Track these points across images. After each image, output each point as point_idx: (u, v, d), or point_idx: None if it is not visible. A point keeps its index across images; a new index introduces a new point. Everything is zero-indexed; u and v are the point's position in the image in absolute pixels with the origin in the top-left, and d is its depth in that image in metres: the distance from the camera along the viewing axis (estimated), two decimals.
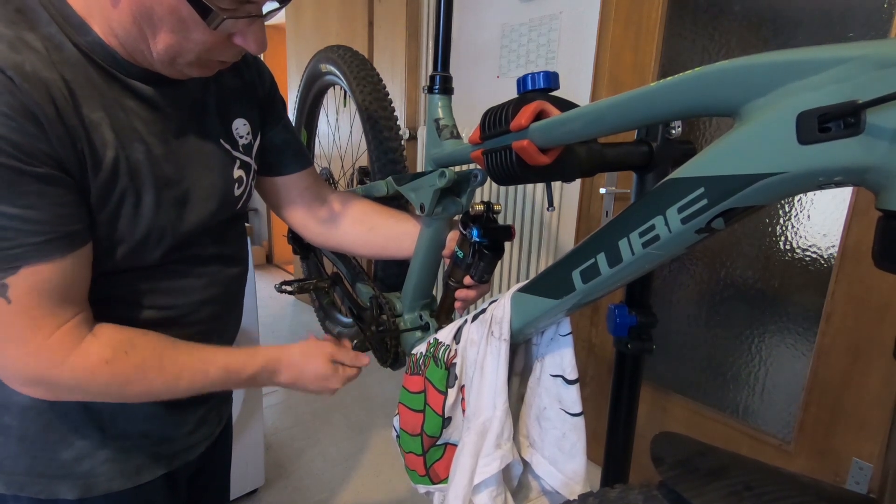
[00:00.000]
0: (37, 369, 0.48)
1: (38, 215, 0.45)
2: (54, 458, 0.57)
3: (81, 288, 0.50)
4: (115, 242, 0.52)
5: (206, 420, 0.70)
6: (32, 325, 0.47)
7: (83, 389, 0.51)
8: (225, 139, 0.62)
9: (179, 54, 0.50)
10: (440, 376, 0.67)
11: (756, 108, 0.34)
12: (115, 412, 0.59)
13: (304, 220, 0.78)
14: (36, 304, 0.47)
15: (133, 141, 0.51)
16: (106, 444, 0.59)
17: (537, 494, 0.64)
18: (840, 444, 1.19)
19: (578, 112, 0.47)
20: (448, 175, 0.68)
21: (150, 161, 0.52)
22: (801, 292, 1.24)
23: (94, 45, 0.49)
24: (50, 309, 0.47)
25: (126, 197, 0.51)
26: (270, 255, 4.15)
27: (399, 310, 0.89)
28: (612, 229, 0.46)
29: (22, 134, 0.42)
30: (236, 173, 0.63)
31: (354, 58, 1.06)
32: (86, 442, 0.58)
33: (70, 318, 0.49)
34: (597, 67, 1.53)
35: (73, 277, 0.49)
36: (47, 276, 0.46)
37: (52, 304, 0.47)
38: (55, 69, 0.45)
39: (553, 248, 1.68)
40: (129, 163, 0.51)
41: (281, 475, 1.65)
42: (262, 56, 0.68)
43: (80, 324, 0.50)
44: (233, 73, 0.64)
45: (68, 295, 0.49)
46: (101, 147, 0.48)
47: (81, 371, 0.49)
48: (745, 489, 0.37)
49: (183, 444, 0.66)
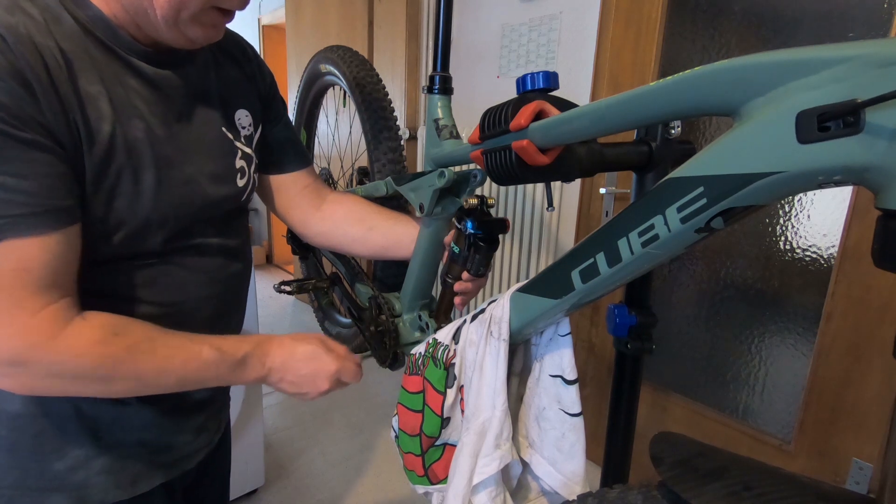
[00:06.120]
0: (16, 349, 0.44)
1: (23, 185, 0.42)
2: (46, 470, 0.54)
3: (68, 272, 0.47)
4: (114, 225, 0.49)
5: (206, 427, 0.68)
6: (15, 304, 0.43)
7: (66, 374, 0.47)
8: (227, 128, 0.61)
9: (183, 5, 0.48)
10: (439, 376, 0.67)
11: (755, 108, 0.34)
12: (111, 419, 0.57)
13: (303, 220, 0.78)
14: (19, 283, 0.43)
15: (132, 117, 0.49)
16: (101, 454, 0.57)
17: (536, 495, 0.64)
18: (840, 444, 1.19)
19: (578, 112, 0.47)
20: (447, 175, 0.68)
21: (150, 140, 0.51)
22: (801, 292, 1.24)
23: (95, 19, 0.48)
24: (34, 289, 0.44)
25: (123, 175, 0.49)
26: (270, 255, 4.15)
27: (398, 310, 0.89)
28: (612, 229, 0.46)
29: (10, 95, 0.40)
30: (238, 163, 0.62)
31: (354, 58, 1.06)
32: (80, 451, 0.55)
33: (56, 299, 0.46)
34: (597, 67, 1.53)
35: (59, 258, 0.45)
36: (31, 252, 0.43)
37: (37, 285, 0.44)
38: (52, 38, 0.44)
39: (553, 248, 1.68)
40: (127, 139, 0.49)
41: (281, 475, 1.65)
42: (263, 55, 0.68)
43: (68, 307, 0.47)
44: (234, 65, 0.64)
45: (54, 277, 0.45)
46: (96, 121, 0.47)
47: (67, 352, 0.45)
48: (745, 489, 0.37)
49: (181, 452, 0.64)
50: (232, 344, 0.56)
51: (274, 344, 0.60)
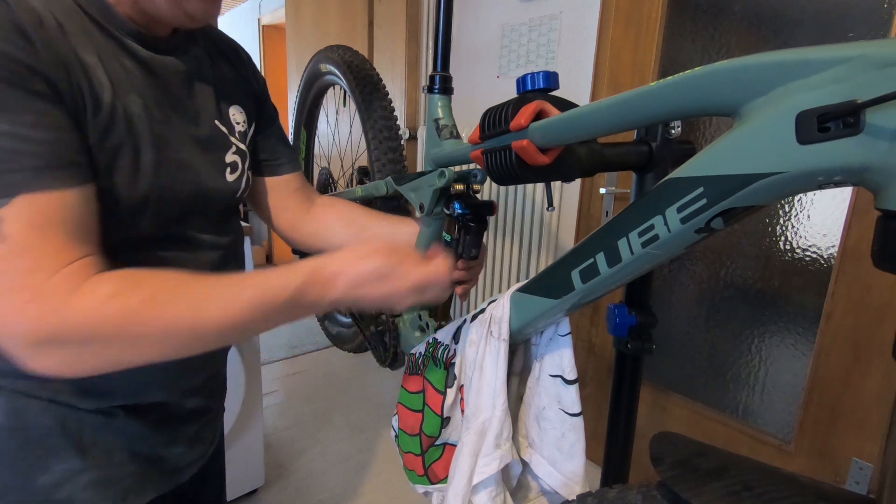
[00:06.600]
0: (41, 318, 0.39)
1: (36, 135, 0.39)
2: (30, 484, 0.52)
3: (90, 231, 0.43)
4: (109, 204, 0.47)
5: (200, 438, 0.66)
6: (32, 268, 0.40)
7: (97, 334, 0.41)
8: (221, 122, 0.61)
9: None
10: (439, 376, 0.67)
11: (755, 108, 0.34)
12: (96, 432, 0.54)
13: (293, 222, 0.77)
14: (37, 242, 0.40)
15: (129, 92, 0.48)
16: (88, 468, 0.54)
17: (536, 494, 0.64)
18: (840, 444, 1.19)
19: (578, 112, 0.47)
20: (448, 175, 0.68)
21: (148, 117, 0.49)
22: (801, 292, 1.24)
23: None
24: (53, 248, 0.40)
25: (123, 150, 0.47)
26: (270, 255, 4.15)
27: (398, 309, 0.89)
28: (612, 229, 0.46)
29: (14, 47, 0.38)
30: (230, 158, 0.61)
31: (354, 58, 1.06)
32: (65, 465, 0.53)
33: (77, 258, 0.42)
34: (597, 67, 1.53)
35: (78, 215, 0.42)
36: (47, 208, 0.40)
37: (55, 243, 0.40)
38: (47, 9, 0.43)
39: (553, 248, 1.68)
40: (127, 113, 0.47)
41: (281, 475, 1.65)
42: (263, 55, 0.68)
43: (88, 265, 0.42)
44: (228, 64, 0.64)
45: (75, 235, 0.42)
46: (98, 87, 0.45)
47: (88, 309, 0.41)
48: (744, 489, 0.37)
49: (175, 464, 0.62)
50: (279, 279, 0.48)
51: (330, 269, 0.50)
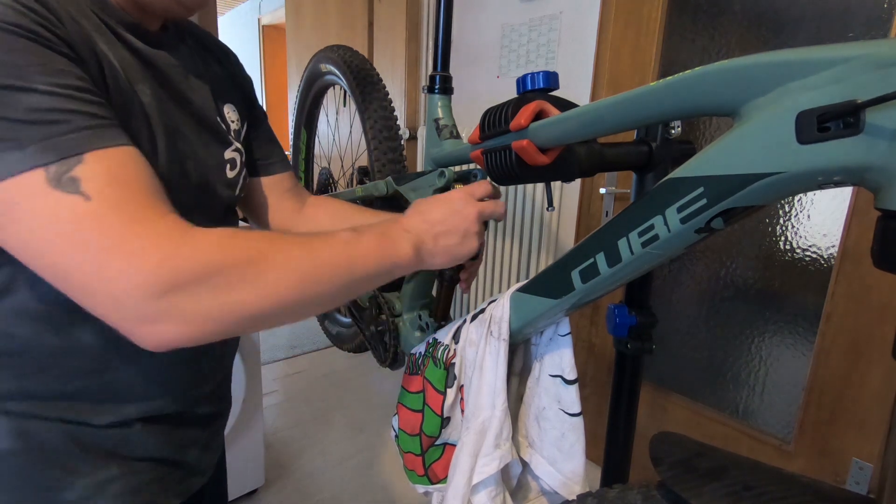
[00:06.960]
0: (164, 259, 0.36)
1: (83, 95, 0.38)
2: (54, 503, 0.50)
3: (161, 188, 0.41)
4: None
5: (209, 446, 0.66)
6: (130, 219, 0.36)
7: (223, 268, 0.38)
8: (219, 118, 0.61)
9: None
10: (439, 376, 0.67)
11: (755, 108, 0.34)
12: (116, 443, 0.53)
13: (286, 223, 0.76)
14: (126, 196, 0.37)
15: (138, 81, 0.47)
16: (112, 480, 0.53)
17: (536, 494, 0.64)
18: (840, 444, 1.19)
19: (578, 112, 0.47)
20: (447, 175, 0.68)
21: (158, 105, 0.49)
22: (801, 292, 1.24)
23: None
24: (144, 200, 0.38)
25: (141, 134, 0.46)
26: None
27: (398, 309, 0.89)
28: (612, 229, 0.46)
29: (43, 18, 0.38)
30: (229, 154, 0.61)
31: (354, 57, 1.06)
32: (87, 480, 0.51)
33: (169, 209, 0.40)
34: (597, 67, 1.53)
35: (148, 172, 0.40)
36: (120, 163, 0.38)
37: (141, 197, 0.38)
38: None
39: (553, 248, 1.68)
40: (140, 100, 0.47)
41: (281, 475, 1.65)
42: (263, 55, 0.68)
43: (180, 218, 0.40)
44: (217, 63, 0.65)
45: (153, 190, 0.39)
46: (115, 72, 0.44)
47: (209, 242, 0.39)
48: (744, 489, 0.37)
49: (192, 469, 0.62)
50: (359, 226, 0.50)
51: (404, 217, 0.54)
